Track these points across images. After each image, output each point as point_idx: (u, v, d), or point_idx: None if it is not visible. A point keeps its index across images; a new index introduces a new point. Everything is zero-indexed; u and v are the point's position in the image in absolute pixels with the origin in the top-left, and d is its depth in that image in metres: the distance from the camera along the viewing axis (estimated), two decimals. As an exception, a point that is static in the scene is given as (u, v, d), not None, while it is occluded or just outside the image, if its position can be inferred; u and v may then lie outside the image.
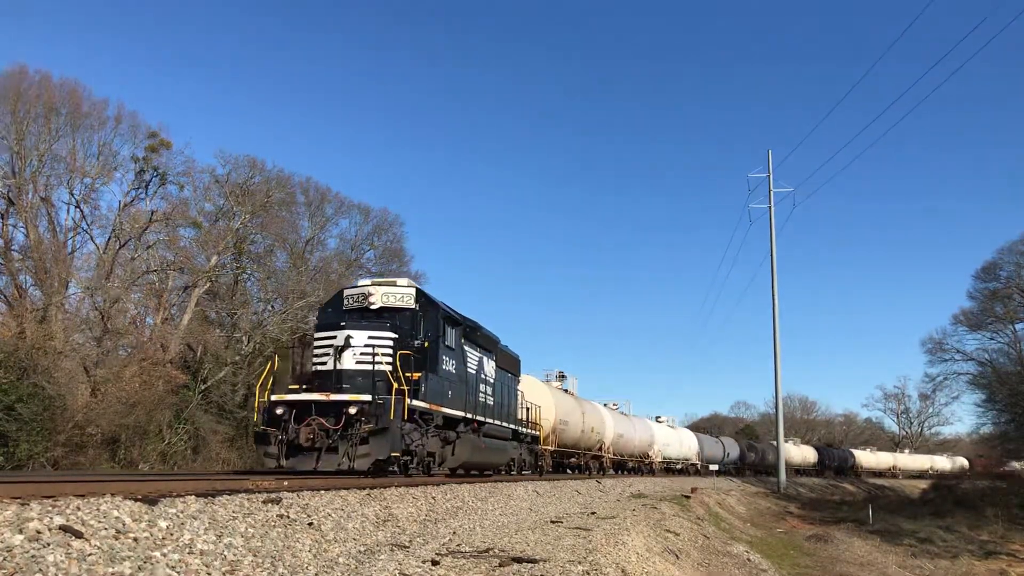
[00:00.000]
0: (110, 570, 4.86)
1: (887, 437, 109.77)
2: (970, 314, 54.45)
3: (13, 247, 26.95)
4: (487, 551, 8.39)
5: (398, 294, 15.39)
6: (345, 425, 12.65)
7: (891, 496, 54.11)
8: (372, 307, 15.30)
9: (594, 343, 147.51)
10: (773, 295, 46.06)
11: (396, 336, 14.27)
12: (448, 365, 15.92)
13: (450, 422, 15.96)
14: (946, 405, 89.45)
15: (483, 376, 18.47)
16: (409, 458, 14.05)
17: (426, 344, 14.99)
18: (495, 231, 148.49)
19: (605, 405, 36.58)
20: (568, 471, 31.08)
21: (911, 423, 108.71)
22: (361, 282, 16.39)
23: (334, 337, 13.90)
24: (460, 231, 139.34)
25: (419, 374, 14.28)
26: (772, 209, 47.58)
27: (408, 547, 8.42)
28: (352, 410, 12.64)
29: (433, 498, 12.08)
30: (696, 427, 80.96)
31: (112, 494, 6.16)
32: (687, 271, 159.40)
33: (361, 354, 13.65)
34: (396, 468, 13.87)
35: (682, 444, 48.34)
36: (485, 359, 18.87)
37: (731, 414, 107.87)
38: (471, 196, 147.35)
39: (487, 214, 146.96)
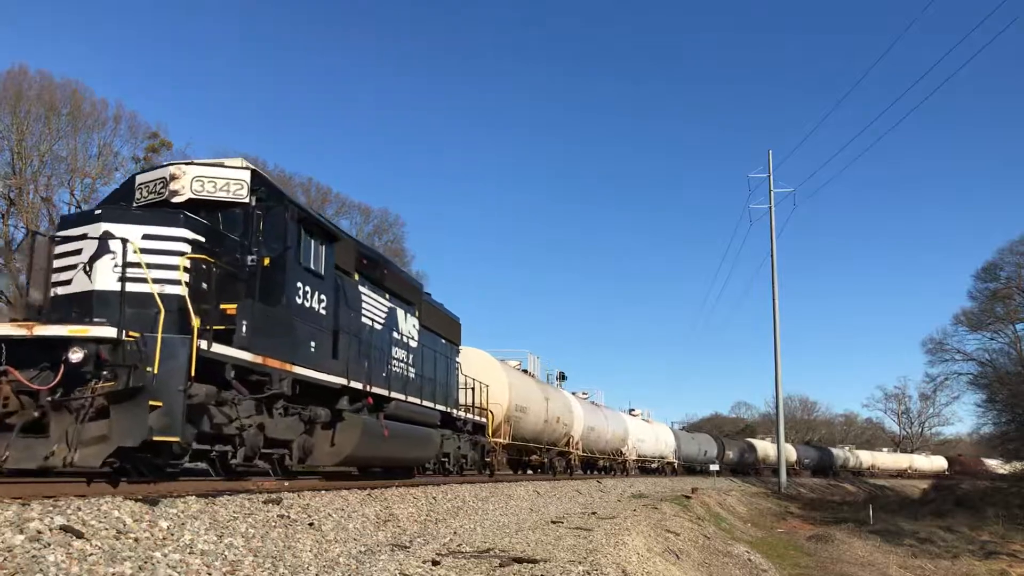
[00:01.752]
0: (111, 570, 4.87)
1: (887, 437, 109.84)
2: (971, 314, 54.58)
3: (14, 247, 27.01)
4: (487, 551, 8.40)
5: (220, 180, 9.55)
6: (68, 384, 7.16)
7: (891, 496, 54.12)
8: (177, 199, 9.37)
9: (594, 343, 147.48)
10: (773, 295, 46.10)
11: (201, 239, 8.91)
12: (310, 301, 10.24)
13: (319, 393, 10.61)
14: (947, 405, 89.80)
15: (395, 335, 13.58)
16: (227, 449, 8.89)
17: (265, 261, 9.33)
18: (495, 231, 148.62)
19: (573, 394, 32.04)
20: (528, 470, 26.69)
21: (911, 423, 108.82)
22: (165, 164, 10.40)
23: (83, 236, 8.38)
24: (460, 231, 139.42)
25: (238, 305, 8.81)
26: (772, 209, 47.63)
27: (409, 547, 8.43)
28: (76, 356, 7.07)
29: (433, 498, 12.09)
30: (696, 427, 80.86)
31: (113, 494, 6.17)
32: (687, 271, 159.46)
33: (126, 266, 7.79)
34: (196, 464, 9.13)
35: (658, 440, 43.82)
36: (400, 312, 14.02)
37: (731, 414, 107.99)
38: (471, 196, 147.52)
39: (487, 214, 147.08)
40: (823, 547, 24.40)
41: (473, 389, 19.08)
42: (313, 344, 10.34)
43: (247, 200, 9.62)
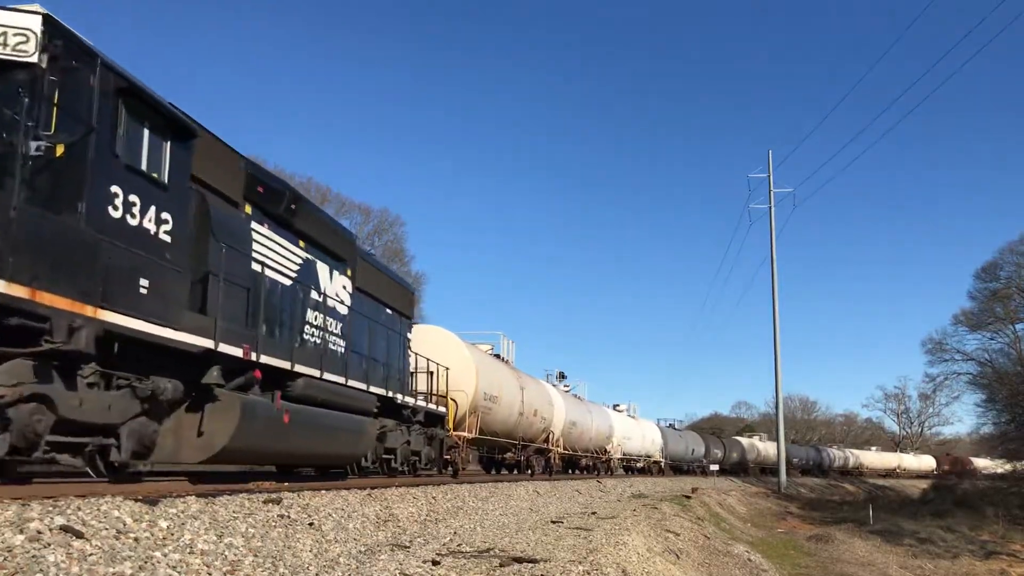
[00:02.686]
0: (111, 570, 4.86)
1: (887, 437, 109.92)
2: (970, 314, 54.62)
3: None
4: (488, 551, 8.40)
5: None
6: None
7: (892, 496, 54.15)
8: None
9: (595, 343, 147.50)
10: (773, 295, 46.13)
11: None
12: (139, 218, 7.13)
13: (177, 364, 7.76)
14: (946, 405, 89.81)
15: (313, 296, 10.74)
16: None
17: (58, 150, 6.28)
18: (496, 231, 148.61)
19: (554, 386, 29.67)
20: (504, 469, 24.38)
21: (911, 423, 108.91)
22: None
23: None
24: (460, 231, 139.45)
25: None
26: (772, 209, 47.70)
27: (409, 547, 8.43)
28: None
29: (433, 498, 12.09)
30: (696, 427, 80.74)
31: (112, 494, 6.16)
32: (687, 271, 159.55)
33: None
34: None
35: (644, 438, 41.27)
36: (323, 267, 11.19)
37: (732, 414, 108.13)
38: (471, 196, 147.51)
39: (488, 214, 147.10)
40: (823, 547, 24.43)
41: (432, 373, 16.23)
42: (145, 284, 7.11)
43: (34, 59, 6.23)
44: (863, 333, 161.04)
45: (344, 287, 12.02)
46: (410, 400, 14.62)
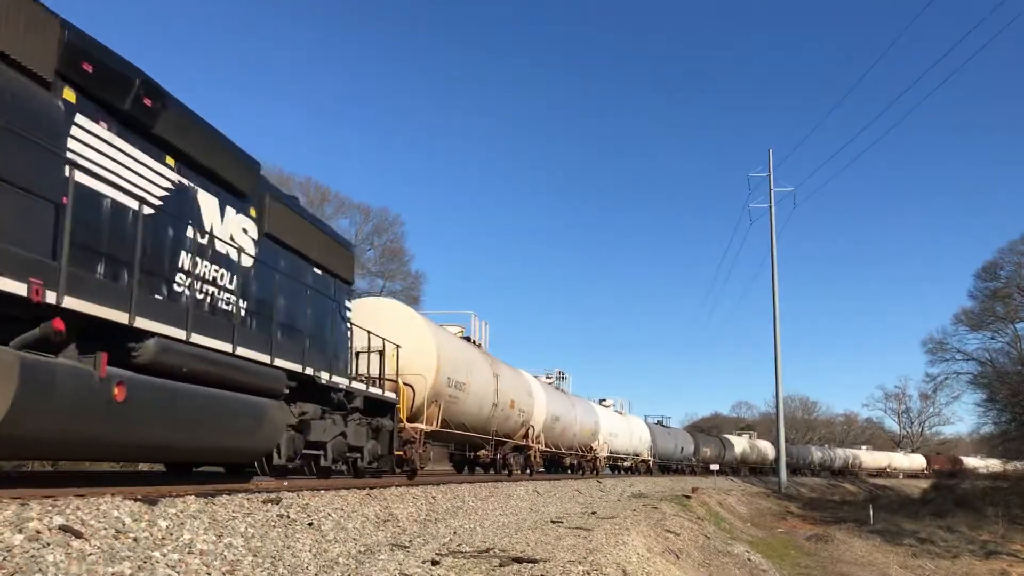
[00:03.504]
0: (110, 570, 4.86)
1: (887, 437, 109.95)
2: (971, 314, 54.60)
3: None
4: (487, 551, 8.39)
5: None
6: None
7: (892, 496, 54.14)
8: None
9: (595, 343, 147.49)
10: (774, 295, 46.14)
11: None
12: None
13: None
14: (947, 405, 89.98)
15: (192, 234, 8.20)
16: None
17: None
18: (496, 231, 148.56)
19: (536, 378, 26.49)
20: (476, 469, 22.09)
21: (912, 423, 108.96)
22: None
23: None
24: (460, 231, 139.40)
25: None
26: (773, 209, 47.71)
27: (408, 547, 8.43)
28: None
29: (433, 498, 12.10)
30: (697, 427, 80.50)
31: (112, 494, 6.16)
32: (687, 271, 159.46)
33: None
34: None
35: (632, 435, 38.67)
36: (211, 199, 8.67)
37: (732, 414, 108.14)
38: (471, 196, 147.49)
39: (488, 214, 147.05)
40: (823, 547, 24.44)
41: (381, 353, 13.75)
42: None
43: None
44: (863, 333, 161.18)
45: (245, 230, 9.41)
46: (341, 381, 11.49)
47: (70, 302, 6.14)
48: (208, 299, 8.53)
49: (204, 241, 8.48)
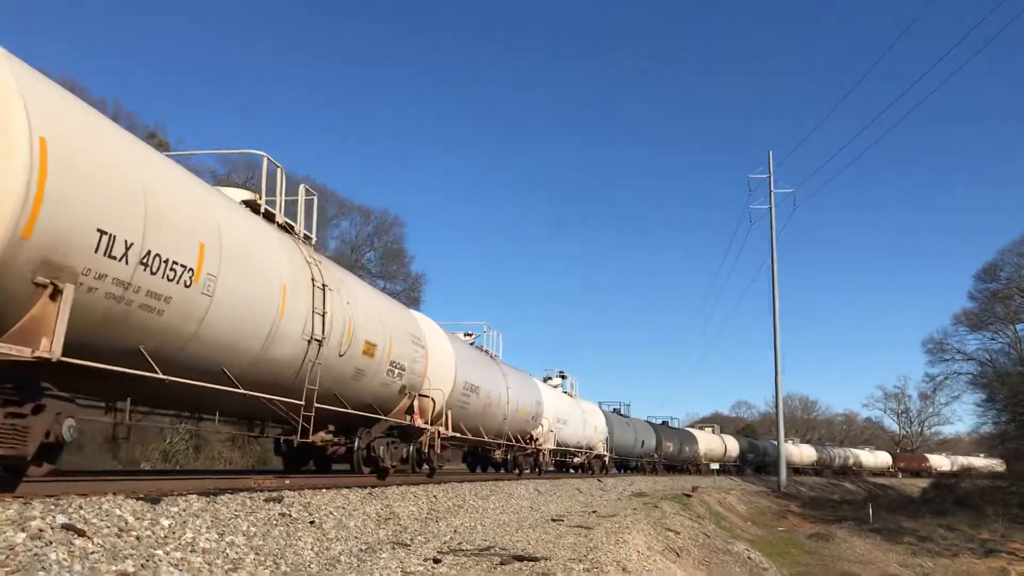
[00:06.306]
0: (113, 568, 4.87)
1: (887, 437, 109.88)
2: (971, 314, 54.67)
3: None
4: (488, 549, 8.40)
5: None
6: None
7: (891, 495, 54.16)
8: None
9: (595, 344, 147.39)
10: (774, 295, 46.16)
11: None
12: None
13: None
14: (946, 405, 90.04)
15: None
16: None
17: None
18: (496, 232, 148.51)
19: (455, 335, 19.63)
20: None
21: (911, 423, 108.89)
22: None
23: None
24: (460, 231, 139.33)
25: None
26: (773, 210, 47.71)
27: (410, 545, 8.43)
28: None
29: (434, 496, 12.10)
30: (696, 426, 79.89)
31: (114, 493, 6.17)
32: (688, 272, 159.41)
33: None
34: None
35: (586, 424, 31.25)
36: None
37: (732, 413, 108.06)
38: (471, 196, 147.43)
39: (488, 214, 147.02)
40: (823, 545, 24.46)
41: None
42: None
43: None
44: (863, 333, 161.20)
45: None
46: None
47: None
48: None
49: None
